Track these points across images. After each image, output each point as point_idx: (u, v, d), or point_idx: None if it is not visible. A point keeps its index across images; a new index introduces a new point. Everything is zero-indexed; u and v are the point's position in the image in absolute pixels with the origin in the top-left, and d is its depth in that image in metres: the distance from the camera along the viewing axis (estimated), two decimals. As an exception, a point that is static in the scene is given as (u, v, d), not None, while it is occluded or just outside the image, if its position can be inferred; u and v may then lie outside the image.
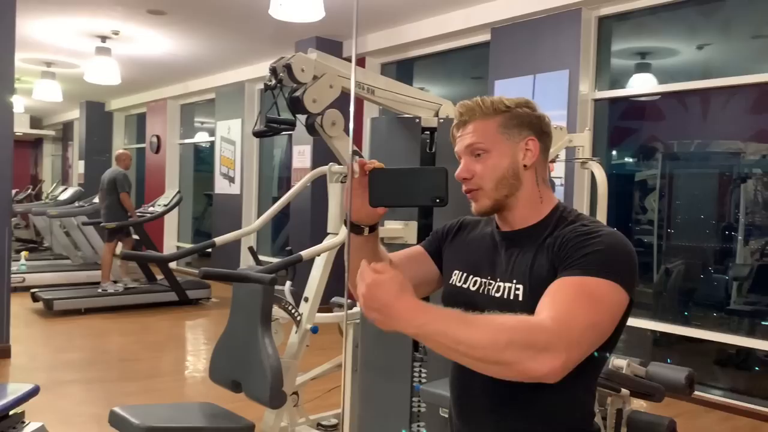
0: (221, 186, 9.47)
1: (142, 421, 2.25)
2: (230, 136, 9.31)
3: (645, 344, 5.08)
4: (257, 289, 2.57)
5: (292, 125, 2.64)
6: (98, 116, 12.71)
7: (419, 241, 1.67)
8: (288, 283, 3.33)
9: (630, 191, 5.47)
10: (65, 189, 10.45)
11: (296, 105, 2.59)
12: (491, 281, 1.30)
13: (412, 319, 1.05)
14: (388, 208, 1.27)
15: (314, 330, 2.95)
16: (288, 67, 2.54)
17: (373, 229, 1.31)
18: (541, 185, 1.32)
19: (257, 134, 2.71)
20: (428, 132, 2.78)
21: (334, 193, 2.97)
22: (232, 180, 9.26)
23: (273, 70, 2.61)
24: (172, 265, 8.18)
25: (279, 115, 2.64)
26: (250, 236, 8.16)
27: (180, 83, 10.25)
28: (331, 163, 3.01)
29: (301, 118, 2.67)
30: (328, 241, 2.81)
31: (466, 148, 1.30)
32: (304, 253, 2.70)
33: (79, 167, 12.90)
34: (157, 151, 11.10)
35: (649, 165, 5.48)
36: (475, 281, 1.33)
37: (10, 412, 3.00)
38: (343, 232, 2.70)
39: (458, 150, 1.33)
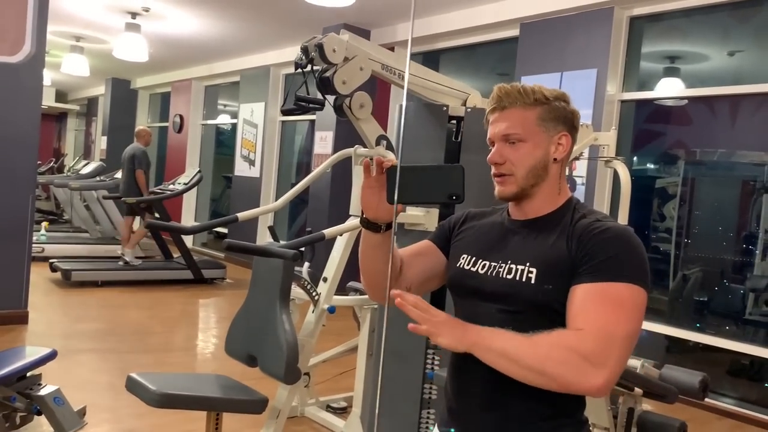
0: (241, 168, 9.51)
1: (158, 388, 2.27)
2: (253, 119, 9.35)
3: (658, 350, 5.05)
4: (278, 265, 2.58)
5: (321, 105, 2.65)
6: (123, 93, 12.82)
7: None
8: (306, 264, 3.35)
9: (650, 198, 5.42)
10: (87, 163, 10.54)
11: (326, 85, 2.59)
12: (502, 264, 1.29)
13: (470, 333, 1.16)
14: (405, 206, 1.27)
15: (331, 310, 2.97)
16: (320, 47, 2.55)
17: (389, 226, 1.30)
18: (562, 178, 1.34)
19: (286, 112, 2.72)
20: (455, 121, 2.78)
21: (358, 175, 2.97)
22: (252, 163, 9.30)
23: (304, 49, 2.61)
24: (188, 243, 8.25)
25: (308, 95, 2.65)
26: (269, 217, 8.21)
27: (205, 64, 10.31)
28: (356, 146, 3.02)
29: (330, 98, 2.68)
30: (350, 222, 2.82)
31: (502, 135, 1.30)
32: (327, 232, 2.71)
33: (101, 143, 13.04)
34: (180, 130, 11.17)
35: (670, 171, 5.42)
36: (484, 264, 1.32)
37: (28, 374, 3.06)
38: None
39: (493, 134, 1.32)
